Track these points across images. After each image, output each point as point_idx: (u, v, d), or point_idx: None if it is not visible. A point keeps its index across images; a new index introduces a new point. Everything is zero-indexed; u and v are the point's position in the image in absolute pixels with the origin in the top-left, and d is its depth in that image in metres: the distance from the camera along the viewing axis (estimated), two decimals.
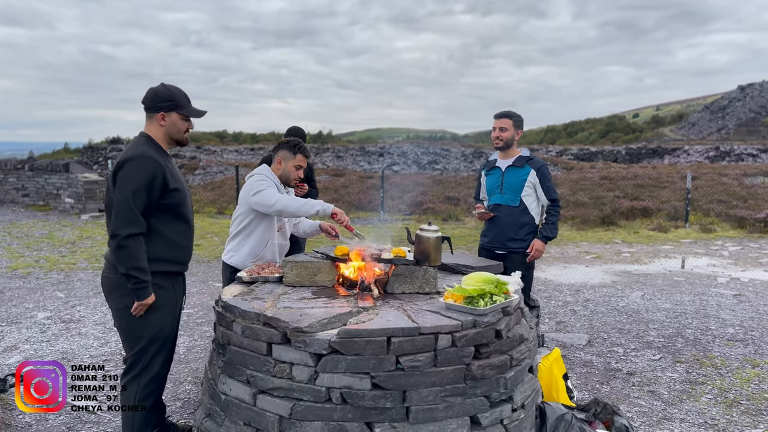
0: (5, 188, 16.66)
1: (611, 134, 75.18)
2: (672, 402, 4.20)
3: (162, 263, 3.11)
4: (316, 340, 2.81)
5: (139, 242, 2.97)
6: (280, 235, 4.12)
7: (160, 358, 3.17)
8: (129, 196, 2.94)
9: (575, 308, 6.77)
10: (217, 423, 3.10)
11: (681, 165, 27.99)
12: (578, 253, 10.53)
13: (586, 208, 14.90)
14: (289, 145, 4.06)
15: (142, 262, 2.97)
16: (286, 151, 4.05)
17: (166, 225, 3.11)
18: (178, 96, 3.16)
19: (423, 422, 2.82)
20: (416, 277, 3.50)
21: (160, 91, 3.14)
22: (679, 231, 13.00)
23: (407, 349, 2.81)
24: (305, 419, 2.81)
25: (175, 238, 3.16)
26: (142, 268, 2.97)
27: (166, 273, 3.14)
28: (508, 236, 4.50)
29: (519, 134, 4.56)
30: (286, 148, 4.06)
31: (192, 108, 3.22)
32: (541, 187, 4.48)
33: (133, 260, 2.95)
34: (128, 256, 2.95)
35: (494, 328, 3.02)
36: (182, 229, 3.20)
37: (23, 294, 7.10)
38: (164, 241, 3.10)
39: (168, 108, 3.13)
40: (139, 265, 2.96)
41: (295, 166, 4.06)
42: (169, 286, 3.17)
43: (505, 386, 3.01)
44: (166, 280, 3.15)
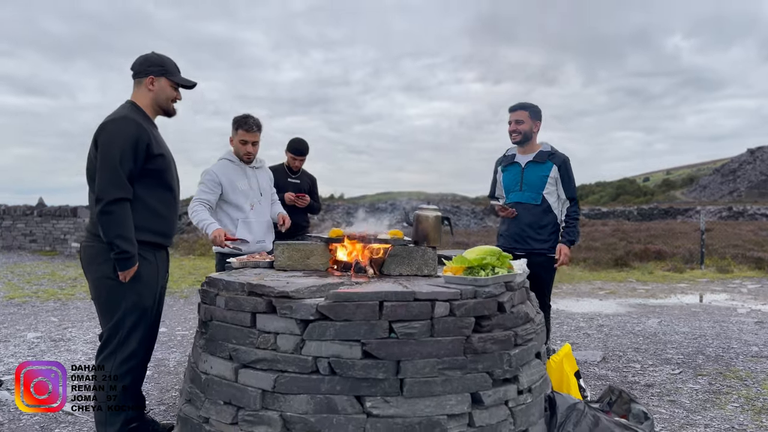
0: (13, 234, 16.66)
1: (622, 197, 74.85)
2: (695, 410, 3.87)
3: (144, 233, 2.94)
4: (303, 305, 2.60)
5: (125, 209, 2.82)
6: (253, 213, 4.23)
7: (137, 333, 2.95)
8: (115, 158, 2.80)
9: (589, 332, 6.44)
10: (196, 407, 2.85)
11: (694, 222, 27.61)
12: (591, 289, 10.20)
13: (598, 252, 14.61)
14: (233, 121, 4.21)
15: (128, 231, 2.81)
16: (233, 129, 4.22)
17: (149, 193, 2.96)
18: (168, 63, 3.09)
19: (419, 396, 2.56)
20: (414, 258, 3.30)
21: (151, 57, 3.07)
22: (694, 272, 12.63)
23: (401, 314, 2.59)
24: (290, 392, 2.57)
25: (158, 208, 3.00)
26: (126, 237, 2.80)
27: (148, 243, 2.97)
28: (530, 236, 4.26)
29: (538, 126, 4.35)
30: (232, 126, 4.22)
31: (181, 77, 3.13)
32: (561, 183, 4.25)
33: (118, 228, 2.79)
34: (112, 222, 2.78)
35: (497, 300, 2.79)
36: (166, 199, 3.05)
37: (16, 318, 6.89)
38: (147, 210, 2.95)
39: (158, 72, 3.04)
40: (124, 233, 2.80)
41: (240, 141, 4.19)
42: (151, 258, 2.99)
43: (510, 363, 2.75)
44: (148, 251, 2.97)
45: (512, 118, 4.34)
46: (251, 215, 4.22)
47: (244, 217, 4.19)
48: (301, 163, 5.52)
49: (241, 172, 4.21)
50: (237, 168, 4.20)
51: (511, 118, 4.34)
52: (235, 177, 4.17)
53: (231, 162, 4.19)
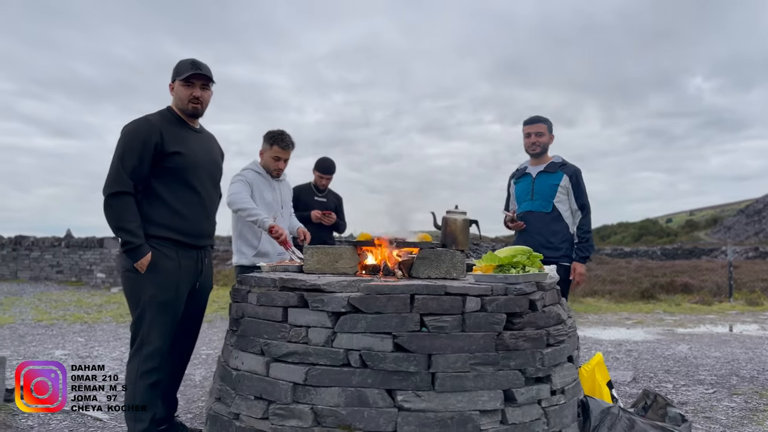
0: (41, 265, 16.93)
1: (645, 237, 73.35)
2: (732, 426, 3.76)
3: (162, 229, 2.99)
4: (335, 298, 2.62)
5: (124, 202, 2.88)
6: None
7: (158, 328, 2.97)
8: (119, 155, 2.92)
9: (617, 356, 6.31)
10: (226, 404, 2.85)
11: (719, 261, 27.03)
12: (618, 319, 10.01)
13: (623, 285, 14.37)
14: (267, 136, 4.22)
15: (128, 223, 2.88)
16: (265, 143, 4.23)
17: (168, 190, 3.02)
18: (180, 65, 3.13)
19: (451, 391, 2.53)
20: (443, 261, 3.29)
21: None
22: (723, 304, 12.34)
23: (432, 308, 2.59)
24: (321, 384, 2.56)
25: (178, 206, 3.04)
26: (127, 229, 2.87)
27: (169, 240, 3.01)
28: (541, 244, 4.24)
29: (552, 138, 4.42)
30: (265, 140, 4.23)
31: (187, 72, 3.06)
32: (573, 192, 4.26)
33: (117, 220, 2.88)
34: (112, 215, 2.89)
35: (528, 298, 2.77)
36: (187, 198, 3.08)
37: (44, 338, 6.97)
38: (166, 207, 3.00)
39: (172, 79, 3.14)
40: (124, 225, 2.87)
41: (273, 157, 4.21)
42: (172, 254, 3.02)
43: (542, 362, 2.71)
44: (169, 247, 3.02)
45: (531, 130, 4.38)
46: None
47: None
48: (327, 181, 5.60)
49: (268, 184, 4.27)
50: (264, 180, 4.26)
51: (530, 131, 4.39)
52: (263, 187, 4.22)
53: (258, 174, 4.25)
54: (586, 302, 12.29)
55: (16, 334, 7.17)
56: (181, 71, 3.08)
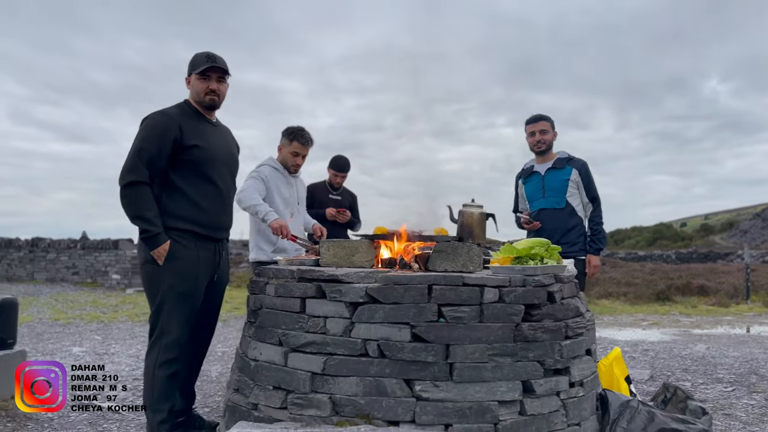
0: (57, 267, 17.10)
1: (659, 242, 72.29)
2: (752, 422, 3.72)
3: (181, 221, 3.02)
4: (353, 289, 2.63)
5: (141, 191, 2.91)
6: (292, 221, 4.18)
7: (177, 319, 2.99)
8: (136, 147, 2.94)
9: (634, 355, 6.26)
10: (245, 395, 2.87)
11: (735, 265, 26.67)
12: (633, 320, 9.93)
13: (638, 287, 14.25)
14: (287, 132, 4.21)
15: (146, 211, 2.90)
16: (284, 138, 4.23)
17: (187, 183, 3.04)
18: (195, 59, 3.15)
19: (469, 381, 2.53)
20: (459, 255, 3.27)
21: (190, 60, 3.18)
22: (740, 306, 12.21)
23: (450, 298, 2.59)
24: (339, 374, 2.57)
25: (197, 199, 3.06)
26: (145, 218, 2.89)
27: (187, 231, 3.03)
28: (557, 241, 4.22)
29: (556, 135, 4.41)
30: (284, 135, 4.23)
31: (203, 65, 3.08)
32: (582, 185, 4.24)
33: (134, 209, 2.90)
34: (129, 204, 2.91)
35: (546, 290, 2.76)
36: (207, 191, 3.10)
37: (62, 336, 7.04)
38: (185, 200, 3.02)
39: (188, 73, 3.16)
40: (141, 214, 2.89)
41: (291, 152, 4.20)
42: (191, 246, 3.04)
43: (561, 354, 2.70)
44: (188, 239, 3.04)
45: (535, 128, 4.38)
46: (290, 224, 4.23)
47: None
48: (342, 179, 5.60)
49: (285, 180, 4.28)
50: (281, 176, 4.26)
51: (534, 129, 4.38)
52: (280, 184, 4.23)
53: (275, 169, 4.25)
54: (601, 304, 12.21)
55: (34, 332, 7.24)
56: (197, 64, 3.11)
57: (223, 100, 3.22)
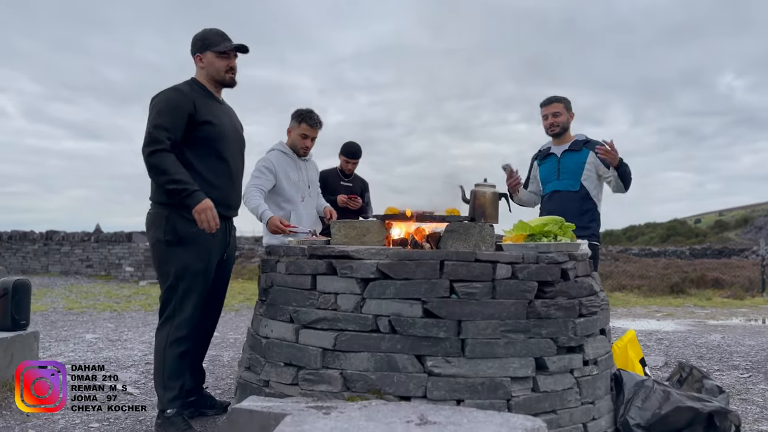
0: (71, 260, 17.23)
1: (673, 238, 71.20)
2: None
3: None
4: (364, 265, 2.61)
5: (164, 156, 2.88)
6: (303, 205, 4.21)
7: (191, 298, 2.99)
8: (152, 121, 2.92)
9: (648, 344, 6.19)
10: (256, 372, 2.86)
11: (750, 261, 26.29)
12: (647, 312, 9.84)
13: (652, 280, 14.12)
14: (295, 114, 4.19)
15: (177, 174, 2.86)
16: (293, 121, 4.21)
17: (200, 161, 3.03)
18: (209, 36, 3.13)
19: (481, 357, 2.50)
20: (471, 235, 3.24)
21: (195, 36, 3.16)
22: (756, 299, 12.08)
23: (462, 274, 2.56)
24: (350, 350, 2.55)
25: (209, 176, 3.06)
26: (178, 179, 2.86)
27: None
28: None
29: (572, 116, 4.31)
30: (293, 117, 4.21)
31: (225, 44, 3.12)
32: (602, 162, 4.13)
33: (164, 174, 2.87)
34: (158, 171, 2.88)
35: (560, 267, 2.73)
36: (219, 168, 3.10)
37: (75, 324, 7.10)
38: (198, 177, 2.99)
39: (201, 48, 3.13)
40: (174, 176, 2.86)
41: (300, 134, 4.18)
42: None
43: (574, 331, 2.67)
44: None
45: (548, 111, 4.29)
46: (301, 207, 4.23)
47: (294, 209, 4.19)
48: (354, 166, 5.58)
49: (294, 164, 4.26)
50: (290, 160, 4.25)
51: (547, 112, 4.29)
52: (289, 168, 4.22)
53: (284, 153, 4.23)
54: (614, 296, 12.11)
55: (48, 320, 7.30)
56: (214, 42, 3.10)
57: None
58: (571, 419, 2.59)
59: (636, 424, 2.68)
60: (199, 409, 3.29)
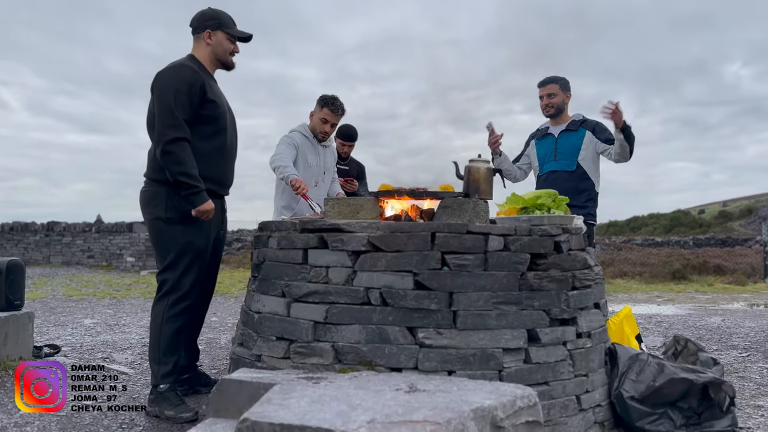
0: (72, 250, 17.26)
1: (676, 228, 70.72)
2: (766, 384, 3.65)
3: None
4: (355, 237, 2.59)
5: (184, 147, 2.87)
6: (316, 190, 4.15)
7: (190, 275, 2.98)
8: (170, 100, 2.87)
9: (648, 327, 6.18)
10: (248, 347, 2.85)
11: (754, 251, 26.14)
12: (648, 297, 9.82)
13: (654, 267, 14.09)
14: (320, 99, 4.18)
15: (190, 168, 2.86)
16: (317, 105, 4.20)
17: (200, 138, 3.00)
18: (223, 16, 3.15)
19: (473, 329, 2.49)
20: (465, 210, 3.21)
21: (207, 12, 3.15)
22: (758, 285, 12.04)
23: (454, 246, 2.54)
24: (341, 322, 2.54)
25: (211, 156, 3.05)
26: (190, 174, 2.86)
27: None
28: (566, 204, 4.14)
29: (569, 97, 4.27)
30: (318, 102, 4.19)
31: (237, 30, 3.20)
32: (598, 138, 4.10)
33: (179, 165, 2.85)
34: (173, 161, 2.85)
35: (553, 240, 2.71)
36: (217, 147, 3.09)
37: (74, 309, 7.11)
38: (202, 158, 2.98)
39: (214, 26, 3.11)
40: (187, 170, 2.85)
41: (321, 119, 4.16)
42: None
43: (567, 303, 2.66)
44: None
45: (543, 92, 4.26)
46: (313, 192, 4.17)
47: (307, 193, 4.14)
48: (350, 149, 5.55)
49: (313, 148, 4.25)
50: (309, 144, 4.22)
51: (542, 93, 4.27)
52: (308, 151, 4.20)
53: (305, 136, 4.21)
54: (616, 283, 12.09)
55: (48, 307, 7.31)
56: (228, 24, 3.13)
57: None
58: (564, 391, 2.58)
59: (630, 397, 2.66)
60: (193, 387, 3.29)
